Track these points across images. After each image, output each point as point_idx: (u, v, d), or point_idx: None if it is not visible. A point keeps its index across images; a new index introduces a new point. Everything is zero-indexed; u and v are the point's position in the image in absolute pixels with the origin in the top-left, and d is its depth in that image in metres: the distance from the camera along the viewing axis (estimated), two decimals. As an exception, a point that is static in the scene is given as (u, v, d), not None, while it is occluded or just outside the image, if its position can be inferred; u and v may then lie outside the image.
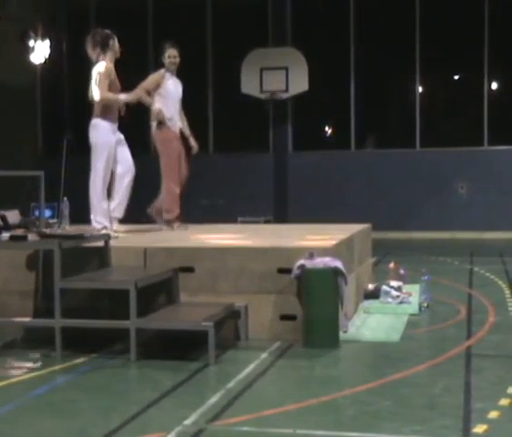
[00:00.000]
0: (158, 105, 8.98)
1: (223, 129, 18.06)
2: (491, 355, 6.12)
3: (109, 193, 8.33)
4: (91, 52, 8.23)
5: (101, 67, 8.11)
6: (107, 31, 8.25)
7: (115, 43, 8.24)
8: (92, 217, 8.17)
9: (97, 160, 8.13)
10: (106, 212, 8.17)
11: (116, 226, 8.33)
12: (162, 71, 9.14)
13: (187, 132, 9.45)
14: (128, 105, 8.36)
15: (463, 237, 16.08)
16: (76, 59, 18.19)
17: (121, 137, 8.35)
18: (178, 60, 9.16)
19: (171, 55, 9.10)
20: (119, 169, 8.34)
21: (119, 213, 8.46)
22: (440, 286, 9.16)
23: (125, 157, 8.37)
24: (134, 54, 8.47)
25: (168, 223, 9.06)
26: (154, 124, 9.04)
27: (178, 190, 9.14)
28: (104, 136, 8.11)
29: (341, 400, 4.91)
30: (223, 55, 17.78)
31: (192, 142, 9.47)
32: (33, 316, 6.80)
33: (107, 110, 8.11)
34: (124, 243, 7.40)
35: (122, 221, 8.53)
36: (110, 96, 8.10)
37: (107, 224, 8.10)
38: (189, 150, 9.42)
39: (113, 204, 8.36)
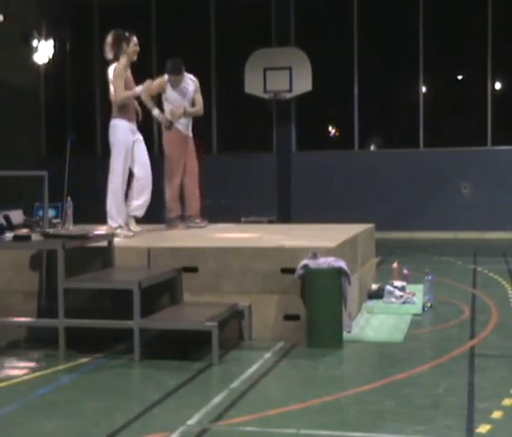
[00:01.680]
0: (166, 108, 9.11)
1: (227, 129, 18.06)
2: (495, 355, 6.12)
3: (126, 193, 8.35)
4: (108, 52, 8.27)
5: (113, 70, 8.17)
6: (124, 33, 8.25)
7: (130, 45, 8.22)
8: (108, 215, 8.18)
9: (114, 159, 8.18)
10: (123, 212, 8.19)
11: (133, 225, 8.38)
12: (166, 76, 9.17)
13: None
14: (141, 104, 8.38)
15: (466, 237, 16.07)
16: (80, 59, 18.35)
17: (140, 137, 8.38)
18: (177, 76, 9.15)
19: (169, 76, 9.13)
20: (139, 170, 8.37)
21: (140, 213, 8.51)
22: (443, 286, 9.15)
23: (143, 157, 8.40)
24: (138, 53, 8.42)
25: (170, 222, 9.09)
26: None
27: (177, 190, 9.17)
28: (122, 135, 8.16)
29: (344, 400, 4.92)
30: (227, 55, 17.78)
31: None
32: (36, 316, 6.81)
33: (123, 110, 8.16)
34: (127, 243, 7.41)
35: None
36: (126, 94, 8.13)
37: (122, 223, 8.13)
38: (198, 147, 9.45)
39: (134, 204, 8.39)
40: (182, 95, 9.18)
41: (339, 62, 17.53)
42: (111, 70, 8.26)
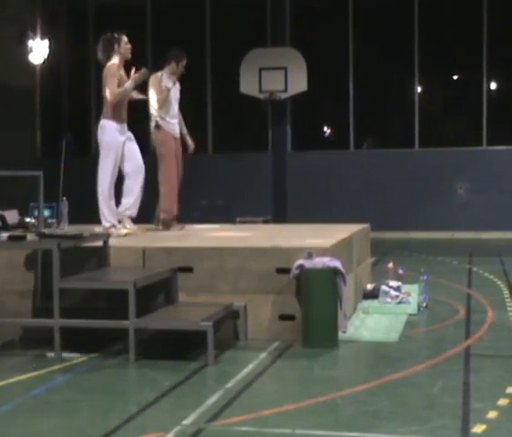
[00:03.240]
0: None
1: (222, 129, 18.06)
2: (490, 355, 6.12)
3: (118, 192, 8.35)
4: (100, 57, 8.27)
5: (108, 69, 8.17)
6: (113, 34, 8.23)
7: (121, 45, 8.22)
8: (101, 214, 8.21)
9: (103, 160, 8.20)
10: (113, 211, 8.22)
11: (128, 224, 8.38)
12: (159, 74, 9.13)
13: (184, 131, 9.44)
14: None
15: (462, 237, 16.08)
16: (76, 59, 18.33)
17: (130, 135, 8.38)
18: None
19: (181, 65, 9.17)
20: (129, 168, 8.38)
21: (133, 212, 8.50)
22: (439, 286, 9.16)
23: (134, 155, 8.40)
24: (133, 52, 8.41)
25: (165, 223, 9.04)
26: (152, 125, 9.05)
27: (176, 191, 9.15)
28: (111, 136, 8.15)
29: (339, 400, 4.91)
30: (222, 54, 17.78)
31: (189, 141, 9.48)
32: (31, 316, 6.80)
33: (114, 111, 8.15)
34: (123, 243, 7.40)
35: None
36: (119, 91, 8.14)
37: (115, 222, 8.16)
38: (185, 150, 9.42)
39: (127, 202, 8.40)
40: (174, 93, 9.16)
41: (334, 62, 17.54)
42: (104, 73, 8.25)
